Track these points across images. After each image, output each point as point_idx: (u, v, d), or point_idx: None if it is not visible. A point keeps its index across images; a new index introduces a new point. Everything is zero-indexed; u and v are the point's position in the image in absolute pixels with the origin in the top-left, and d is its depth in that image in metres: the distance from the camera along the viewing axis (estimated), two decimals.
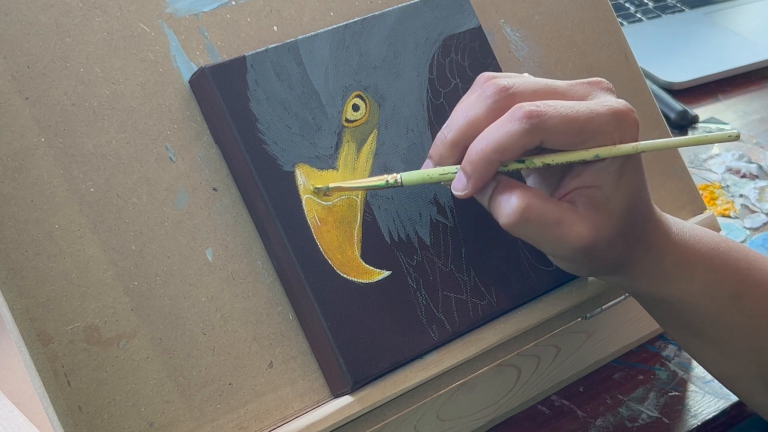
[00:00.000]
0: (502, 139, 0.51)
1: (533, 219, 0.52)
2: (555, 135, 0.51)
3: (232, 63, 0.55)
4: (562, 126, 0.51)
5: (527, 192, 0.52)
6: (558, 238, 0.52)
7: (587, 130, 0.51)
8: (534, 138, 0.51)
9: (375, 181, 0.55)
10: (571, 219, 0.52)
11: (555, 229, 0.52)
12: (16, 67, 0.51)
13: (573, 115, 0.51)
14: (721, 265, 0.57)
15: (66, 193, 0.51)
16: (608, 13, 0.72)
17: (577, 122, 0.51)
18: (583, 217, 0.52)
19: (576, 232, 0.52)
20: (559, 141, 0.51)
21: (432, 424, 0.60)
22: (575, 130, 0.51)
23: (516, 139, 0.51)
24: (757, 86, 1.09)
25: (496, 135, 0.51)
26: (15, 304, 0.49)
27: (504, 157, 0.51)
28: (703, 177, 0.92)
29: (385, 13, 0.60)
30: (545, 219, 0.52)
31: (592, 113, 0.51)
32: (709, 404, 0.68)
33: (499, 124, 0.51)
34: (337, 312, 0.54)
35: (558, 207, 0.52)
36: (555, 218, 0.52)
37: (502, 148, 0.51)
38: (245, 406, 0.53)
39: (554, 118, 0.51)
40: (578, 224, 0.52)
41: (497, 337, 0.59)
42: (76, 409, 0.49)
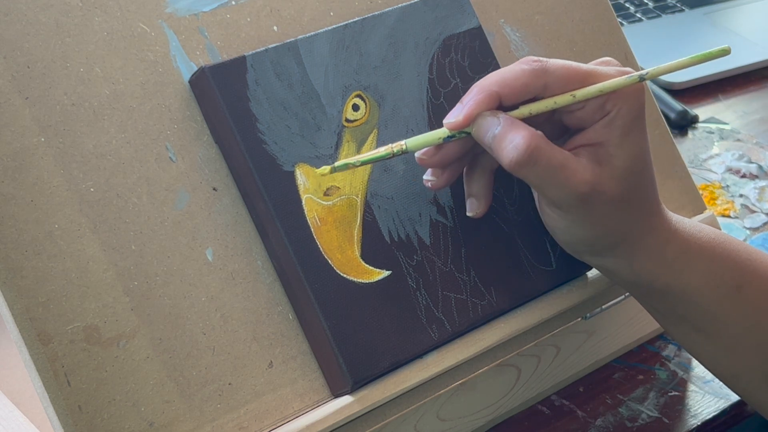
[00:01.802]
0: (505, 74, 0.52)
1: (539, 160, 0.52)
2: (557, 79, 0.52)
3: (232, 63, 0.55)
4: (565, 71, 0.52)
5: (534, 133, 0.52)
6: (562, 182, 0.52)
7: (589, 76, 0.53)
8: (537, 78, 0.52)
9: (379, 152, 0.54)
10: (576, 165, 0.53)
11: (560, 172, 0.52)
12: (16, 67, 0.51)
13: (576, 65, 0.53)
14: (722, 257, 0.57)
15: (66, 193, 0.51)
16: (608, 13, 0.72)
17: (580, 70, 0.53)
18: (587, 167, 0.53)
19: (580, 177, 0.52)
20: (561, 85, 0.53)
21: (432, 424, 0.60)
22: (578, 76, 0.53)
23: (518, 75, 0.52)
24: (757, 86, 1.09)
25: (501, 71, 0.53)
26: (15, 304, 0.49)
27: (504, 90, 0.52)
28: (703, 177, 0.92)
29: (385, 13, 0.60)
30: (550, 161, 0.52)
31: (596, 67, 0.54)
32: (709, 404, 0.68)
33: (508, 66, 0.53)
34: (337, 312, 0.54)
35: (564, 153, 0.53)
36: (560, 161, 0.52)
37: (503, 81, 0.52)
38: (245, 406, 0.53)
39: (558, 63, 0.53)
40: (582, 171, 0.53)
41: (497, 337, 0.59)
42: (76, 409, 0.49)
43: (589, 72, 0.53)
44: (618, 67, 0.55)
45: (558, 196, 0.54)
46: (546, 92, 0.53)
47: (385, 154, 0.54)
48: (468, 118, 0.53)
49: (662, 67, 0.54)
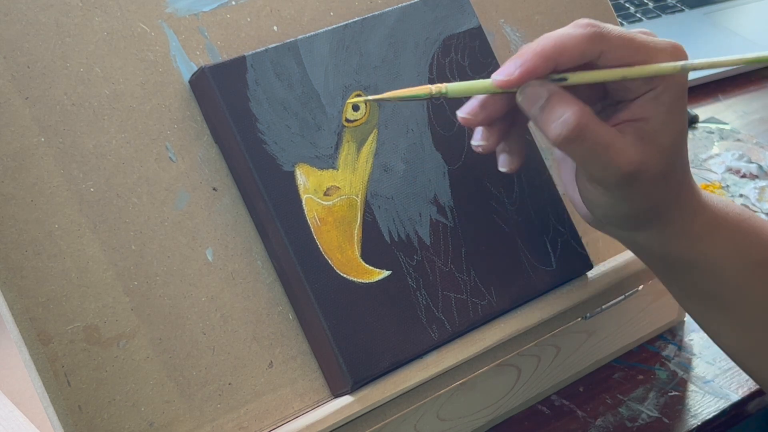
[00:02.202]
0: (563, 38, 0.51)
1: (587, 138, 0.51)
2: (613, 47, 0.52)
3: (232, 63, 0.55)
4: (621, 41, 0.52)
5: (584, 109, 0.51)
6: (607, 160, 0.52)
7: (644, 50, 0.53)
8: (594, 45, 0.52)
9: (419, 91, 0.53)
10: (622, 144, 0.52)
11: (606, 151, 0.52)
12: (16, 67, 0.51)
13: (632, 36, 0.53)
14: (748, 232, 0.58)
15: (66, 193, 0.51)
16: (608, 13, 0.72)
17: (635, 41, 0.53)
18: (633, 145, 0.53)
19: (626, 157, 0.52)
20: (616, 55, 0.52)
21: (432, 424, 0.60)
22: (633, 47, 0.52)
23: (577, 41, 0.51)
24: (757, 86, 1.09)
25: (558, 33, 0.52)
26: (15, 304, 0.49)
27: (562, 56, 0.51)
28: (703, 177, 0.92)
29: (385, 13, 0.60)
30: (597, 140, 0.52)
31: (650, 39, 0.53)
32: (709, 404, 0.68)
33: (563, 29, 0.52)
34: (337, 312, 0.54)
35: (609, 131, 0.52)
36: (607, 140, 0.52)
37: (562, 46, 0.51)
38: (245, 406, 0.53)
39: (615, 32, 0.52)
40: (628, 150, 0.52)
41: (497, 337, 0.59)
42: (76, 409, 0.49)
43: (643, 44, 0.53)
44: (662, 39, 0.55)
45: (602, 175, 0.54)
46: (600, 59, 0.52)
47: (423, 94, 0.52)
48: (522, 79, 0.52)
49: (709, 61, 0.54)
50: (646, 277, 0.68)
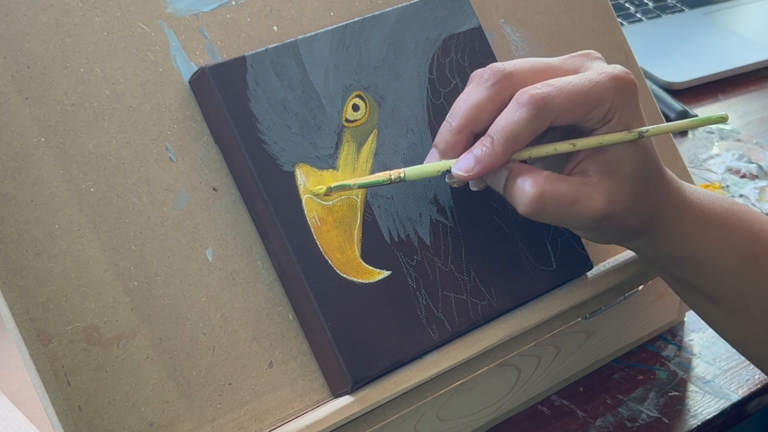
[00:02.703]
0: (512, 128, 0.52)
1: (549, 203, 0.53)
2: (562, 113, 0.52)
3: (232, 63, 0.55)
4: (567, 103, 0.52)
5: (539, 177, 0.53)
6: (576, 215, 0.53)
7: (591, 100, 0.53)
8: (543, 121, 0.52)
9: (377, 177, 0.55)
10: (586, 194, 0.53)
11: (572, 207, 0.53)
12: (16, 67, 0.51)
13: (575, 90, 0.53)
14: (736, 226, 0.58)
15: (66, 193, 0.51)
16: (608, 13, 0.72)
17: (581, 95, 0.53)
18: (597, 188, 0.54)
19: (593, 206, 0.53)
20: (567, 118, 0.53)
21: (432, 424, 0.60)
22: (580, 103, 0.53)
23: (526, 125, 0.52)
24: (757, 86, 1.09)
25: (506, 125, 0.52)
26: (15, 304, 0.49)
27: (517, 145, 0.53)
28: (703, 177, 0.92)
29: (385, 13, 0.60)
30: (560, 201, 0.53)
31: (591, 83, 0.53)
32: (709, 404, 0.68)
33: (507, 114, 0.52)
34: (337, 312, 0.54)
35: (570, 185, 0.53)
36: (570, 198, 0.53)
37: (515, 136, 0.52)
38: (245, 406, 0.53)
39: (558, 97, 0.52)
40: (593, 197, 0.53)
41: (497, 337, 0.59)
42: (76, 409, 0.49)
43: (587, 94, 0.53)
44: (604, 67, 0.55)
45: (575, 225, 0.56)
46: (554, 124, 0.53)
47: (383, 180, 0.55)
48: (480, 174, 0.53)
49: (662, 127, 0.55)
50: (646, 278, 0.68)
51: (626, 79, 0.54)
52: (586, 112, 0.53)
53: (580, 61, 0.56)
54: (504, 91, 0.53)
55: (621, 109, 0.54)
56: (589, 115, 0.53)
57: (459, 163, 0.54)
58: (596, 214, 0.53)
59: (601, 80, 0.53)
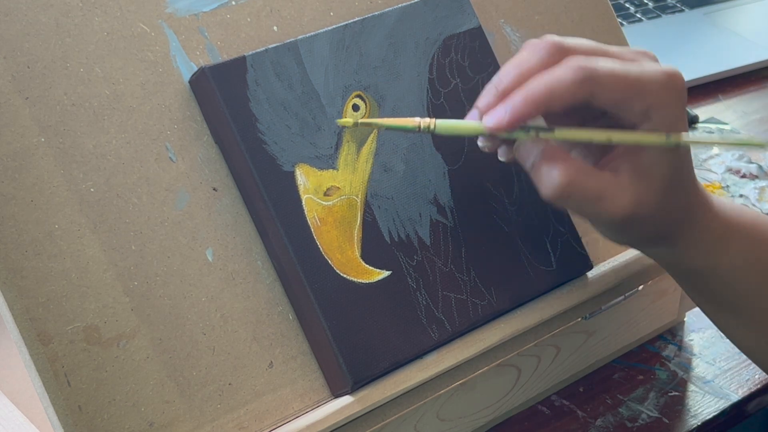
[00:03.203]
0: (552, 83, 0.51)
1: (574, 195, 0.52)
2: (606, 89, 0.51)
3: (232, 63, 0.55)
4: (613, 80, 0.51)
5: (570, 167, 0.52)
6: (599, 211, 0.53)
7: (637, 87, 0.52)
8: (584, 88, 0.51)
9: (406, 123, 0.53)
10: (612, 192, 0.52)
11: (596, 204, 0.52)
12: (16, 67, 0.51)
13: (624, 72, 0.51)
14: (761, 240, 0.58)
15: (66, 193, 0.51)
16: (608, 13, 0.72)
17: (627, 79, 0.51)
18: (625, 188, 0.53)
19: (617, 205, 0.52)
20: (609, 96, 0.52)
21: (432, 424, 0.60)
22: (626, 85, 0.51)
23: (567, 85, 0.51)
24: (757, 86, 1.09)
25: (547, 78, 0.51)
26: (15, 304, 0.49)
27: (551, 101, 0.51)
28: (703, 177, 0.92)
29: (385, 13, 0.60)
30: (586, 195, 0.52)
31: (643, 72, 0.52)
32: (709, 404, 0.68)
33: (552, 70, 0.51)
34: (337, 312, 0.54)
35: (599, 181, 0.52)
36: (596, 193, 0.52)
37: (551, 91, 0.51)
38: (245, 406, 0.53)
39: (606, 70, 0.51)
40: (619, 197, 0.52)
41: (497, 337, 0.59)
42: (76, 409, 0.49)
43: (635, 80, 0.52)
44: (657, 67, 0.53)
45: (598, 221, 0.55)
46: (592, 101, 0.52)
47: (412, 127, 0.53)
48: (511, 125, 0.51)
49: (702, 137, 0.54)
50: (646, 278, 0.68)
51: (678, 79, 0.53)
52: (629, 99, 0.52)
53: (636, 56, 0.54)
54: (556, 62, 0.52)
55: (664, 108, 0.52)
56: (631, 102, 0.52)
57: (490, 116, 0.52)
58: (620, 214, 0.52)
59: (652, 72, 0.52)
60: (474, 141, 0.61)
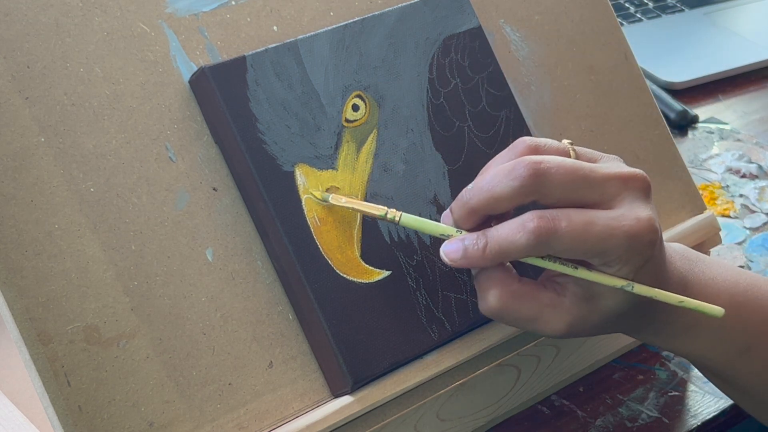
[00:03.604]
0: (508, 247, 0.51)
1: (507, 317, 0.53)
2: (563, 252, 0.51)
3: (232, 63, 0.55)
4: (571, 244, 0.50)
5: (506, 291, 0.52)
6: (533, 329, 0.54)
7: (595, 249, 0.50)
8: (541, 251, 0.51)
9: (373, 210, 0.54)
10: (548, 316, 0.53)
11: (530, 324, 0.53)
12: (16, 67, 0.51)
13: (585, 236, 0.50)
14: (733, 321, 0.57)
15: (66, 193, 0.51)
16: (608, 13, 0.72)
17: (588, 243, 0.50)
18: (564, 311, 0.53)
19: (552, 327, 0.53)
20: (567, 255, 0.51)
21: (432, 424, 0.60)
22: (584, 249, 0.50)
23: (521, 249, 0.50)
24: (757, 86, 1.09)
25: (504, 241, 0.50)
26: (15, 304, 0.49)
27: (505, 260, 0.52)
28: (703, 177, 0.92)
29: (385, 13, 0.60)
30: (520, 317, 0.53)
31: (605, 233, 0.50)
32: (709, 404, 0.68)
33: (511, 230, 0.50)
34: (337, 312, 0.54)
35: (536, 305, 0.52)
36: (530, 316, 0.53)
37: (507, 254, 0.51)
38: (245, 406, 0.53)
39: (565, 237, 0.50)
40: (556, 320, 0.53)
41: (497, 337, 0.59)
42: (76, 409, 0.49)
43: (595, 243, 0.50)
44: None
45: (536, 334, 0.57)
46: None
47: (379, 215, 0.54)
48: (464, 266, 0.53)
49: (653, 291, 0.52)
50: None
51: (642, 240, 0.50)
52: (588, 258, 0.51)
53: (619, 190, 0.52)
54: (529, 195, 0.50)
55: (624, 262, 0.51)
56: (591, 259, 0.51)
57: (448, 247, 0.52)
58: (555, 335, 0.53)
59: (616, 235, 0.50)
60: (474, 142, 0.61)
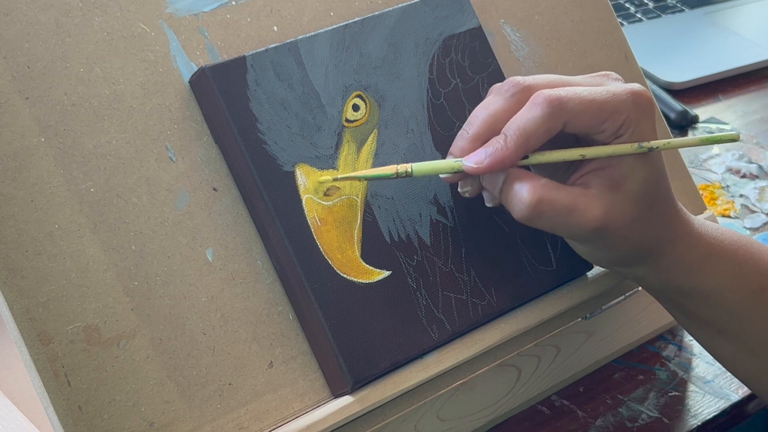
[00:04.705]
0: (526, 125, 0.52)
1: (545, 211, 0.53)
2: (576, 116, 0.52)
3: (232, 63, 0.55)
4: (582, 106, 0.52)
5: (537, 184, 0.53)
6: (572, 224, 0.53)
7: (606, 109, 0.53)
8: (557, 121, 0.52)
9: (384, 171, 0.55)
10: (584, 203, 0.53)
11: (568, 216, 0.53)
12: (16, 67, 0.51)
13: (591, 97, 0.53)
14: (744, 259, 0.58)
15: (66, 193, 0.51)
16: (608, 13, 0.72)
17: (596, 102, 0.53)
18: (596, 199, 0.53)
19: (590, 215, 0.53)
20: (581, 122, 0.53)
21: (432, 424, 0.60)
22: (595, 109, 0.53)
23: (540, 123, 0.52)
24: (757, 86, 1.09)
25: (520, 122, 0.52)
26: (15, 304, 0.49)
27: (530, 143, 0.52)
28: (703, 177, 0.92)
29: (385, 13, 0.60)
30: (557, 209, 0.53)
31: (609, 93, 0.53)
32: (709, 404, 0.68)
33: (523, 112, 0.53)
34: (337, 312, 0.54)
35: (569, 194, 0.53)
36: (567, 207, 0.53)
37: (528, 134, 0.52)
38: (245, 406, 0.53)
39: (574, 100, 0.52)
40: (591, 207, 0.53)
41: (497, 337, 0.59)
42: (76, 409, 0.49)
43: (603, 103, 0.53)
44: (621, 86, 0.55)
45: (571, 234, 0.56)
46: (566, 129, 0.53)
47: (389, 174, 0.54)
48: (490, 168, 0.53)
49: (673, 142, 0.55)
50: None
51: (644, 96, 0.54)
52: (601, 122, 0.53)
53: (599, 80, 0.56)
54: (522, 101, 0.53)
55: (635, 124, 0.53)
56: (603, 125, 0.53)
57: (470, 157, 0.53)
58: (592, 225, 0.53)
59: (618, 92, 0.53)
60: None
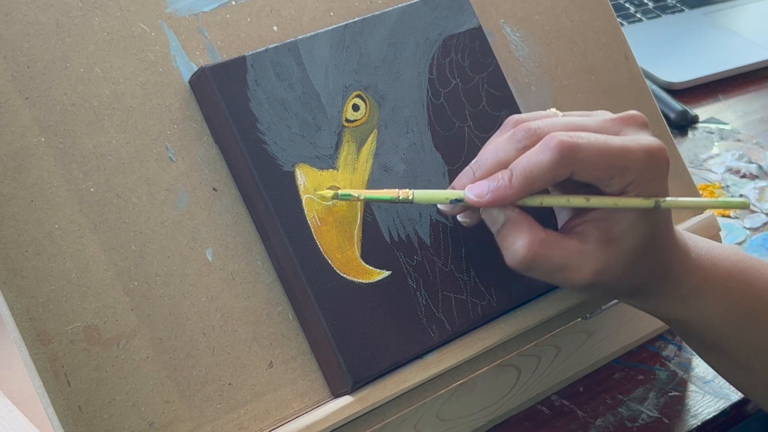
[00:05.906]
0: (533, 168, 0.51)
1: (537, 265, 0.53)
2: (586, 167, 0.51)
3: (232, 63, 0.55)
4: (594, 158, 0.51)
5: (534, 240, 0.52)
6: (562, 279, 0.53)
7: (617, 165, 0.51)
8: (565, 169, 0.51)
9: (384, 194, 0.54)
10: (576, 263, 0.52)
11: (559, 273, 0.53)
12: (16, 67, 0.51)
13: (605, 149, 0.51)
14: (739, 285, 0.57)
15: (66, 193, 0.51)
16: (608, 13, 0.72)
17: (608, 156, 0.51)
18: (590, 257, 0.53)
19: (580, 275, 0.53)
20: (589, 173, 0.51)
21: (432, 424, 0.60)
22: (606, 163, 0.51)
23: (547, 169, 0.50)
24: (757, 86, 1.09)
25: (528, 164, 0.51)
26: (15, 304, 0.49)
27: (534, 186, 0.51)
28: (703, 177, 0.92)
29: (385, 13, 0.60)
30: (550, 266, 0.53)
31: (624, 149, 0.51)
32: (709, 404, 0.68)
33: (532, 153, 0.51)
34: (337, 312, 0.54)
35: (562, 252, 0.52)
36: (560, 265, 0.52)
37: (533, 177, 0.51)
38: (245, 406, 0.53)
39: (586, 149, 0.50)
40: (583, 267, 0.53)
41: (497, 337, 0.59)
42: (76, 409, 0.49)
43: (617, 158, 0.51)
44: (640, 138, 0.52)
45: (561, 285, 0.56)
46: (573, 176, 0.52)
47: (390, 198, 0.54)
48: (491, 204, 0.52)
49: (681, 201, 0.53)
50: None
51: (660, 155, 0.52)
52: (609, 177, 0.51)
53: (618, 127, 0.54)
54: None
55: (645, 184, 0.52)
56: (611, 180, 0.51)
57: (473, 188, 0.52)
58: (582, 283, 0.53)
59: (633, 149, 0.51)
60: (474, 142, 0.61)
